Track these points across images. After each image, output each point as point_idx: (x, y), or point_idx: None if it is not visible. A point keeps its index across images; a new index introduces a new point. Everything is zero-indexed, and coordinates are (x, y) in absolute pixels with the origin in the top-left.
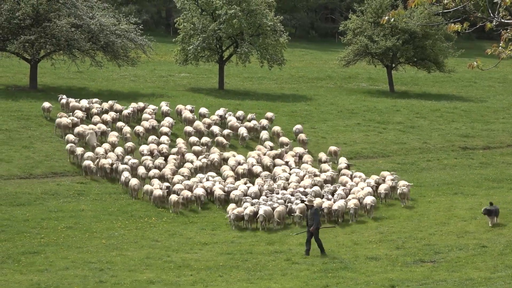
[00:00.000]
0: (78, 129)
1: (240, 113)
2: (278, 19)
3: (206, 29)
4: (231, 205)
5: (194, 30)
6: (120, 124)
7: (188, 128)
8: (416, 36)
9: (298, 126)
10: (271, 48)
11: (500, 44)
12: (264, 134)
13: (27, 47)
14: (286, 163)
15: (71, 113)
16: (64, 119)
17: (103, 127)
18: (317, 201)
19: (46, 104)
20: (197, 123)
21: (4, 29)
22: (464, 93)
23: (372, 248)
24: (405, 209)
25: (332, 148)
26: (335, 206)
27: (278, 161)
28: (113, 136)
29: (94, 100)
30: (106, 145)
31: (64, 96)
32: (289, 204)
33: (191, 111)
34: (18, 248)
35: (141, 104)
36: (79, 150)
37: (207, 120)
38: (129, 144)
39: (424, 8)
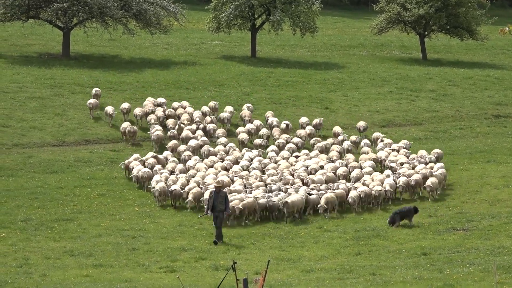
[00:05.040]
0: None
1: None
2: None
3: None
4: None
5: None
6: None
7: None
8: (449, 3)
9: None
10: (304, 16)
11: None
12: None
13: (60, 15)
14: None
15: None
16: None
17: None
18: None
19: (109, 109)
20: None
21: None
22: (497, 61)
23: None
24: None
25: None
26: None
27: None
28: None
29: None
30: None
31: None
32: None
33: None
34: (51, 215)
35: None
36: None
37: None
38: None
39: None
